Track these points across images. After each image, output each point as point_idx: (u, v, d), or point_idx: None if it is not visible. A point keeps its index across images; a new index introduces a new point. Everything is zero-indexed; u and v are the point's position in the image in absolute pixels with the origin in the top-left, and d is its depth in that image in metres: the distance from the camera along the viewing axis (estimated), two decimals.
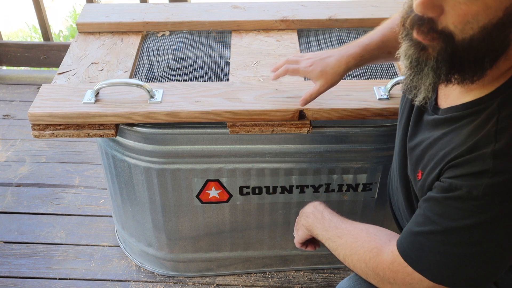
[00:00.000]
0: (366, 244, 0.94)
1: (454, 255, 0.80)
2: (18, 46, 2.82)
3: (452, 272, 0.82)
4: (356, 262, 0.96)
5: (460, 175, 0.77)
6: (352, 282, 1.05)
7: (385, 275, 0.89)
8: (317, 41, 1.61)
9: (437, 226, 0.80)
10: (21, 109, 2.62)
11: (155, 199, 1.50)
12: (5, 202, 2.04)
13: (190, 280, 1.72)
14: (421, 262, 0.83)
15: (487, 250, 0.78)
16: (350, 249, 0.97)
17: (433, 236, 0.81)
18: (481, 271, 0.81)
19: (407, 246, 0.85)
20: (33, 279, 1.73)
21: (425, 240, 0.82)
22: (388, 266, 0.88)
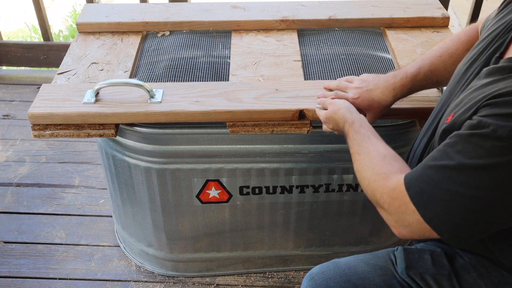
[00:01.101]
0: (377, 168, 0.95)
1: (457, 194, 0.80)
2: (18, 46, 2.82)
3: (447, 212, 0.81)
4: (362, 179, 0.98)
5: (492, 114, 0.77)
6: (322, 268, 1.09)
7: (381, 199, 0.91)
8: (317, 41, 1.61)
9: (452, 161, 0.80)
10: (21, 109, 2.62)
11: (155, 199, 1.50)
12: (5, 202, 2.04)
13: (190, 280, 1.72)
14: (421, 195, 0.83)
15: (490, 198, 0.78)
16: (362, 166, 0.99)
17: (444, 171, 0.81)
18: (474, 220, 0.81)
19: (414, 176, 0.86)
20: (33, 279, 1.73)
21: (435, 173, 0.82)
22: (388, 191, 0.89)
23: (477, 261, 1.01)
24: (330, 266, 1.09)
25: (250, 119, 1.29)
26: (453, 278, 1.01)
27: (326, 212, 1.57)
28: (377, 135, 1.04)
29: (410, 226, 0.87)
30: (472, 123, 0.79)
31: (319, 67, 1.49)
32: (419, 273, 1.03)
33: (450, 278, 1.01)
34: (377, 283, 1.04)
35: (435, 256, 1.04)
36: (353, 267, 1.07)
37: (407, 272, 1.03)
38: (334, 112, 1.14)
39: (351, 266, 1.07)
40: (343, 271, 1.06)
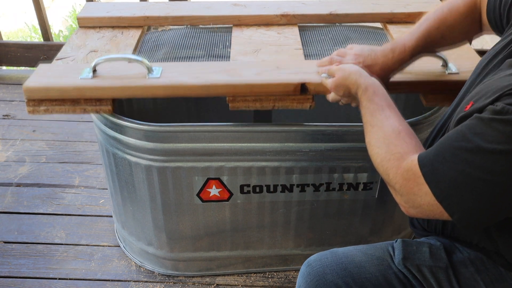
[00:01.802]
0: (392, 146, 0.94)
1: (471, 176, 0.79)
2: (18, 46, 2.82)
3: (459, 194, 0.81)
4: (374, 154, 0.97)
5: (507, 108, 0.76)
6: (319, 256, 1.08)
7: (394, 179, 0.90)
8: (318, 34, 1.61)
9: (469, 143, 0.79)
10: (21, 109, 2.62)
11: (155, 198, 1.49)
12: (5, 202, 2.03)
13: (190, 280, 1.72)
14: (435, 174, 0.83)
15: (504, 184, 0.78)
16: (375, 141, 0.98)
17: (460, 152, 0.80)
18: (485, 204, 0.81)
19: (429, 156, 0.85)
20: (33, 279, 1.73)
21: (450, 154, 0.82)
22: (401, 172, 0.89)
23: (475, 256, 1.01)
24: (328, 254, 1.09)
25: (251, 93, 1.26)
26: (450, 272, 1.01)
27: (327, 211, 1.57)
28: (391, 105, 1.02)
29: (420, 207, 0.87)
30: (494, 109, 0.79)
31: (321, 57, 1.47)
32: (416, 264, 1.03)
33: (447, 271, 1.01)
34: (372, 272, 1.04)
35: (433, 249, 1.05)
36: (350, 256, 1.07)
37: (404, 263, 1.04)
38: (344, 78, 1.10)
39: (348, 255, 1.08)
40: (340, 259, 1.07)
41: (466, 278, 1.01)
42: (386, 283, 1.03)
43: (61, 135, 2.44)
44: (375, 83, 1.06)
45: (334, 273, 1.04)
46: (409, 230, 1.80)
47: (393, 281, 1.03)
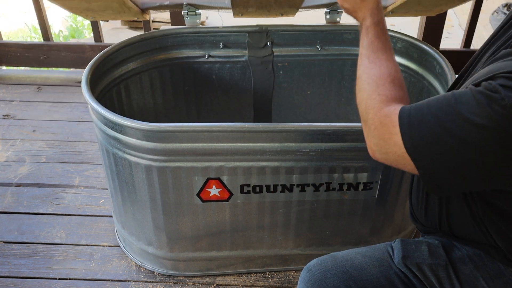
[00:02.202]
0: (382, 87, 0.93)
1: (443, 139, 0.81)
2: (18, 46, 2.82)
3: (429, 153, 0.82)
4: (362, 89, 0.96)
5: (506, 85, 0.78)
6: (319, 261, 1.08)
7: (372, 120, 0.90)
8: None
9: (450, 108, 0.81)
10: (21, 109, 2.62)
11: (155, 198, 1.49)
12: (5, 202, 2.03)
13: (190, 280, 1.72)
14: (410, 127, 0.84)
15: (472, 157, 0.79)
16: (368, 76, 0.96)
17: (440, 114, 0.81)
18: (450, 170, 0.82)
19: (411, 110, 0.85)
20: (33, 279, 1.73)
21: (429, 114, 0.83)
22: (380, 115, 0.89)
23: (473, 253, 1.02)
24: (328, 258, 1.09)
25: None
26: (449, 269, 1.02)
27: (327, 211, 1.57)
28: (392, 50, 1.01)
29: (386, 154, 0.88)
30: (485, 85, 0.80)
31: None
32: (416, 263, 1.04)
33: (447, 268, 1.02)
34: (374, 273, 1.04)
35: (432, 247, 1.05)
36: (350, 259, 1.07)
37: (404, 262, 1.04)
38: None
39: (348, 258, 1.08)
40: (340, 263, 1.07)
41: (465, 275, 1.01)
42: (388, 284, 1.04)
43: (61, 135, 2.44)
44: (385, 20, 1.03)
45: (335, 277, 1.04)
46: (409, 230, 1.80)
47: (394, 281, 1.04)
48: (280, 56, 1.96)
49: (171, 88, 1.98)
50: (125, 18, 1.89)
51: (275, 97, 2.06)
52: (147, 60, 1.87)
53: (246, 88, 2.03)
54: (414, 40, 1.81)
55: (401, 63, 1.88)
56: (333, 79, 2.03)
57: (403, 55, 1.86)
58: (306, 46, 1.95)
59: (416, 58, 1.82)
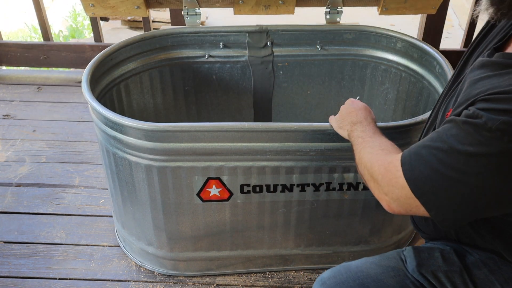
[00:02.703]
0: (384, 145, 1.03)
1: (444, 176, 0.83)
2: (18, 46, 2.82)
3: (434, 191, 0.85)
4: (368, 154, 1.03)
5: (486, 108, 0.80)
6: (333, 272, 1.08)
7: (377, 170, 0.95)
8: None
9: (445, 144, 0.83)
10: (21, 109, 2.62)
11: (155, 197, 1.49)
12: (5, 202, 2.03)
13: (190, 280, 1.72)
14: (413, 171, 0.87)
15: (474, 185, 0.81)
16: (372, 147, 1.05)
17: (436, 152, 0.84)
18: (458, 203, 0.84)
19: (409, 154, 0.90)
20: (33, 279, 1.72)
21: (427, 153, 0.86)
22: (384, 164, 0.94)
23: (487, 257, 1.01)
24: (341, 270, 1.08)
25: None
26: (464, 275, 1.01)
27: (327, 211, 1.57)
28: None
29: (399, 200, 0.91)
30: (468, 113, 0.83)
31: None
32: (431, 270, 1.03)
33: (462, 274, 1.01)
34: (391, 284, 1.04)
35: (445, 254, 1.04)
36: (365, 270, 1.06)
37: (418, 270, 1.03)
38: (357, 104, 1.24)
39: (362, 269, 1.07)
40: (355, 274, 1.06)
41: (481, 280, 1.00)
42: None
43: (61, 135, 2.43)
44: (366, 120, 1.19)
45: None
46: (409, 230, 1.80)
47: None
48: (280, 56, 1.96)
49: (171, 88, 1.98)
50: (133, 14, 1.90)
51: (275, 97, 2.06)
52: (147, 60, 1.87)
53: (246, 88, 2.03)
54: (414, 40, 1.81)
55: (401, 63, 1.88)
56: (333, 79, 2.03)
57: (403, 55, 1.86)
58: (306, 46, 1.95)
59: (416, 58, 1.82)
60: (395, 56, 1.89)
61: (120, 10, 1.82)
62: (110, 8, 1.83)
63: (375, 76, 1.98)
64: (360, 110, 1.22)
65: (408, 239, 1.86)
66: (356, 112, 1.22)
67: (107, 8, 1.84)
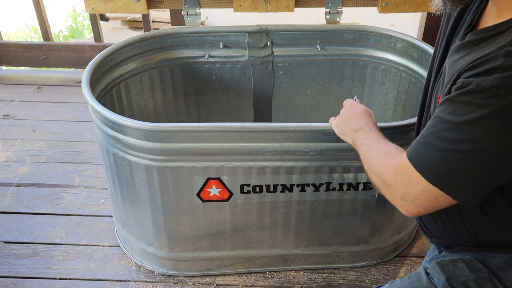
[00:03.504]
0: (390, 153, 1.00)
1: (455, 152, 0.82)
2: (18, 46, 2.82)
3: (450, 171, 0.83)
4: (375, 162, 1.01)
5: (473, 75, 0.80)
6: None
7: (388, 175, 0.94)
8: None
9: (446, 123, 0.83)
10: (21, 109, 2.62)
11: (155, 197, 1.49)
12: (5, 202, 2.03)
13: (190, 280, 1.72)
14: (423, 160, 0.86)
15: (487, 150, 0.80)
16: (376, 153, 1.03)
17: (440, 133, 0.83)
18: (476, 174, 0.82)
19: (414, 147, 0.88)
20: (33, 279, 1.72)
21: (432, 138, 0.85)
22: (393, 167, 0.93)
23: (509, 258, 1.00)
24: None
25: None
26: (494, 280, 1.00)
27: (327, 211, 1.57)
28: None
29: (416, 199, 0.88)
30: (456, 86, 0.83)
31: None
32: (461, 281, 1.02)
33: (492, 280, 1.00)
34: None
35: (468, 263, 1.03)
36: None
37: (449, 284, 1.02)
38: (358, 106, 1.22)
39: None
40: None
41: (510, 282, 0.99)
42: None
43: (61, 135, 2.43)
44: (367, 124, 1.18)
45: None
46: (409, 230, 1.80)
47: None
48: (280, 56, 1.96)
49: (171, 88, 1.98)
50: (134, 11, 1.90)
51: (275, 97, 2.06)
52: (147, 60, 1.87)
53: (246, 88, 2.03)
54: (414, 40, 1.81)
55: (401, 63, 1.88)
56: (333, 79, 2.03)
57: (403, 55, 1.86)
58: (306, 46, 1.95)
59: (416, 58, 1.82)
60: (395, 56, 1.89)
61: (120, 4, 1.82)
62: (110, 2, 1.82)
63: (375, 76, 1.98)
64: (360, 115, 1.20)
65: (408, 239, 1.86)
66: (357, 118, 1.20)
67: (107, 2, 1.84)
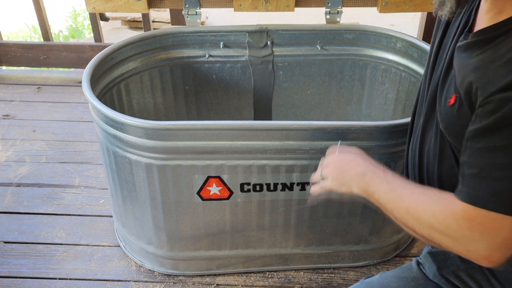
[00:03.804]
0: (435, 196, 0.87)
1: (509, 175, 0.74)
2: (18, 46, 2.82)
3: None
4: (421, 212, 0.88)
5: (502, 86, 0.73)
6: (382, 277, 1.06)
7: (459, 226, 0.81)
8: None
9: (501, 150, 0.74)
10: (21, 109, 2.62)
11: (155, 196, 1.49)
12: (5, 202, 2.03)
13: (190, 280, 1.72)
14: (495, 197, 0.76)
15: None
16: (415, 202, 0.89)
17: (499, 161, 0.75)
18: None
19: (473, 189, 0.79)
20: (33, 279, 1.72)
21: (493, 171, 0.76)
22: (461, 215, 0.80)
23: None
24: (363, 287, 1.07)
25: None
26: (485, 270, 0.99)
27: (327, 210, 1.57)
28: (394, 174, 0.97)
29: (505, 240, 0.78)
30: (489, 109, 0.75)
31: None
32: (451, 271, 1.02)
33: (482, 270, 1.00)
34: None
35: None
36: (387, 284, 1.06)
37: (440, 273, 1.03)
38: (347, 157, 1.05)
39: (384, 284, 1.06)
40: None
41: (501, 273, 0.99)
42: None
43: (61, 135, 2.43)
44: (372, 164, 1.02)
45: None
46: None
47: None
48: (280, 56, 1.96)
49: (171, 88, 1.98)
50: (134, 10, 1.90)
51: (275, 97, 2.06)
52: (147, 60, 1.87)
53: (246, 88, 2.03)
54: (414, 40, 1.81)
55: (401, 63, 1.88)
56: (333, 79, 2.03)
57: (403, 55, 1.87)
58: (306, 46, 1.95)
59: (416, 58, 1.82)
60: (395, 56, 1.89)
61: (121, 3, 1.82)
62: (111, 1, 1.83)
63: (375, 76, 1.98)
64: (358, 156, 1.06)
65: (408, 239, 1.86)
66: (356, 160, 1.04)
67: (108, 1, 1.84)
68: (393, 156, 1.44)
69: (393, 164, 1.46)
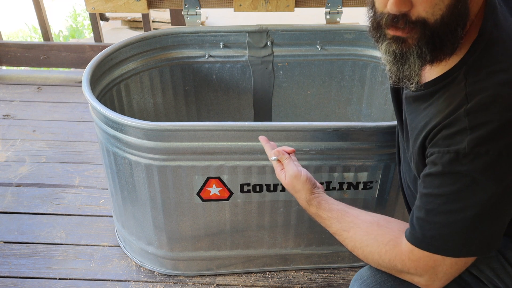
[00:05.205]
0: (380, 237, 0.98)
1: (464, 220, 0.84)
2: (18, 46, 2.82)
3: (469, 238, 0.85)
4: (368, 254, 1.00)
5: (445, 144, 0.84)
6: (373, 270, 1.08)
7: (405, 266, 0.93)
8: None
9: (441, 197, 0.85)
10: (21, 109, 2.62)
11: (155, 197, 1.49)
12: (5, 202, 2.03)
13: (190, 280, 1.72)
14: (436, 242, 0.87)
15: (493, 204, 0.83)
16: (361, 241, 1.01)
17: (439, 208, 0.85)
18: (493, 226, 0.85)
19: (418, 231, 0.89)
20: (33, 279, 1.72)
21: (433, 217, 0.86)
22: (407, 256, 0.92)
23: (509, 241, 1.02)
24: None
25: None
26: (501, 258, 1.02)
27: None
28: (349, 206, 1.09)
29: (445, 274, 0.91)
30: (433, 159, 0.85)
31: None
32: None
33: (499, 258, 1.02)
34: None
35: None
36: None
37: None
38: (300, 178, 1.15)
39: None
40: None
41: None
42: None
43: (61, 135, 2.44)
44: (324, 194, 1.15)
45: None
46: None
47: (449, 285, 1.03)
48: (280, 56, 1.96)
49: (171, 88, 1.98)
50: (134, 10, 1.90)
51: (275, 97, 2.06)
52: (147, 60, 1.87)
53: (246, 88, 2.03)
54: None
55: None
56: (333, 79, 2.03)
57: None
58: (306, 46, 1.95)
59: None
60: None
61: (120, 4, 1.82)
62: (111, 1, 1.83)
63: (375, 76, 1.98)
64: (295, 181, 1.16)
65: None
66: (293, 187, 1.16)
67: (107, 2, 1.84)
68: (393, 157, 1.45)
69: (393, 165, 1.47)
